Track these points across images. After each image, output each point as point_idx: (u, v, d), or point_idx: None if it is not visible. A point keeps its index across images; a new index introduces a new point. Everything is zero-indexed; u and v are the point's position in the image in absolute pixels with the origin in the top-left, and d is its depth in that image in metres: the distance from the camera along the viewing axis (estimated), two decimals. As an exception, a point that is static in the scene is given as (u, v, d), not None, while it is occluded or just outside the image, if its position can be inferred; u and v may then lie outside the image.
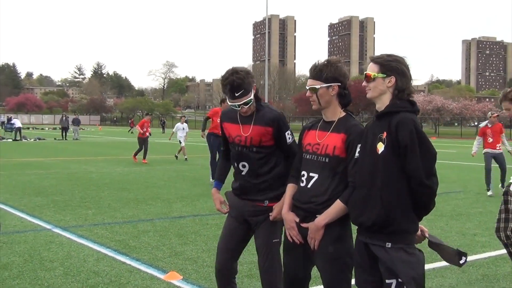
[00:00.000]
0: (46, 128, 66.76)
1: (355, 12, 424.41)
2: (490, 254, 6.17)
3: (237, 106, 3.43)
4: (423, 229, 2.94)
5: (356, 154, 2.96)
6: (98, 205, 9.20)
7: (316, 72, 3.10)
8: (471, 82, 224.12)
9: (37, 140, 34.42)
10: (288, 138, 3.51)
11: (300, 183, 3.18)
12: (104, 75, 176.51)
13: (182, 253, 6.03)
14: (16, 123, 35.24)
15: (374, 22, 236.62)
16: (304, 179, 3.15)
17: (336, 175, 3.04)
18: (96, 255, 5.89)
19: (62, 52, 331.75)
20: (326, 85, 3.08)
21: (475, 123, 71.78)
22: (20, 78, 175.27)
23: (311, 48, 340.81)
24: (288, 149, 3.52)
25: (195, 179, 12.74)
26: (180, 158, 19.66)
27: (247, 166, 3.52)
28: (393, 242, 2.71)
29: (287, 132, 3.51)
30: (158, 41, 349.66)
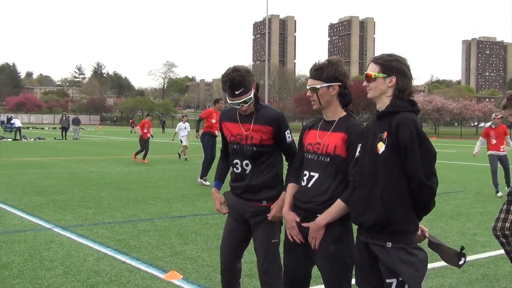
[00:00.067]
0: (46, 127, 66.73)
1: (355, 12, 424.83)
2: (490, 254, 6.17)
3: (237, 105, 3.43)
4: (423, 229, 2.94)
5: (357, 154, 2.97)
6: (98, 204, 9.20)
7: (316, 72, 3.11)
8: (471, 82, 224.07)
9: (37, 139, 34.41)
10: (288, 137, 3.52)
11: (300, 182, 3.19)
12: (104, 75, 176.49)
13: (182, 252, 6.04)
14: (16, 123, 35.31)
15: (374, 22, 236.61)
16: (305, 178, 3.15)
17: (337, 175, 3.05)
18: (96, 254, 5.89)
19: (62, 52, 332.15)
20: (327, 84, 3.09)
21: (475, 123, 71.86)
22: (20, 77, 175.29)
23: (311, 48, 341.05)
24: (287, 148, 3.53)
25: (195, 179, 12.72)
26: (181, 158, 19.69)
27: (246, 165, 3.52)
28: (393, 242, 2.71)
29: (287, 132, 3.52)
30: (158, 41, 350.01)
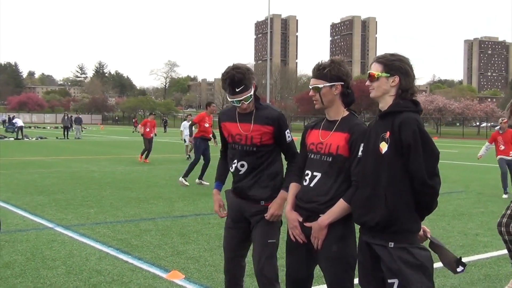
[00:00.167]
0: (48, 127, 66.79)
1: (357, 11, 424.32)
2: (492, 254, 6.16)
3: (237, 102, 3.42)
4: (426, 229, 2.93)
5: (359, 154, 2.96)
6: (100, 204, 9.21)
7: (319, 71, 3.11)
8: (473, 82, 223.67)
9: (39, 139, 34.45)
10: (288, 136, 3.53)
11: (303, 182, 3.18)
12: (106, 75, 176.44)
13: (184, 252, 6.04)
14: (18, 122, 35.35)
15: (376, 22, 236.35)
16: (307, 178, 3.15)
17: (340, 175, 3.05)
18: (98, 253, 5.89)
19: (64, 51, 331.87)
20: (329, 84, 3.09)
21: (477, 123, 71.69)
22: (22, 77, 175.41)
23: (313, 47, 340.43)
24: (287, 148, 3.54)
25: (196, 179, 12.70)
26: (182, 158, 19.68)
27: (246, 165, 3.52)
28: (395, 242, 2.71)
29: (287, 131, 3.53)
30: (160, 40, 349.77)
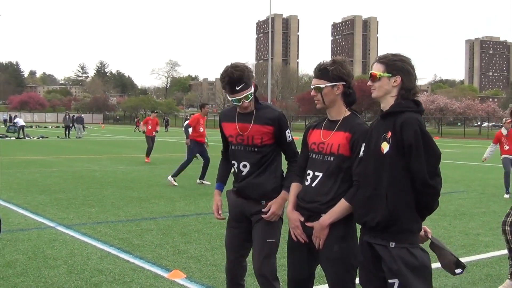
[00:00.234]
0: (49, 126, 66.82)
1: (359, 11, 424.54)
2: (493, 254, 6.16)
3: (238, 101, 3.41)
4: (427, 230, 2.93)
5: (361, 153, 2.96)
6: (102, 203, 9.22)
7: (321, 71, 3.11)
8: (475, 82, 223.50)
9: (40, 138, 34.48)
10: (288, 136, 3.52)
11: (304, 182, 3.19)
12: (107, 74, 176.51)
13: (185, 251, 6.04)
14: (19, 122, 35.36)
15: (378, 21, 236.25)
16: (309, 178, 3.15)
17: (341, 174, 3.05)
18: (99, 253, 5.90)
19: (65, 50, 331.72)
20: (331, 84, 3.09)
21: (478, 123, 71.66)
22: (23, 76, 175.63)
23: (314, 47, 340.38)
24: (287, 147, 3.54)
25: (198, 178, 12.70)
26: (183, 157, 19.64)
27: (247, 165, 3.52)
28: (396, 242, 2.71)
29: (287, 131, 3.53)
30: (161, 40, 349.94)
